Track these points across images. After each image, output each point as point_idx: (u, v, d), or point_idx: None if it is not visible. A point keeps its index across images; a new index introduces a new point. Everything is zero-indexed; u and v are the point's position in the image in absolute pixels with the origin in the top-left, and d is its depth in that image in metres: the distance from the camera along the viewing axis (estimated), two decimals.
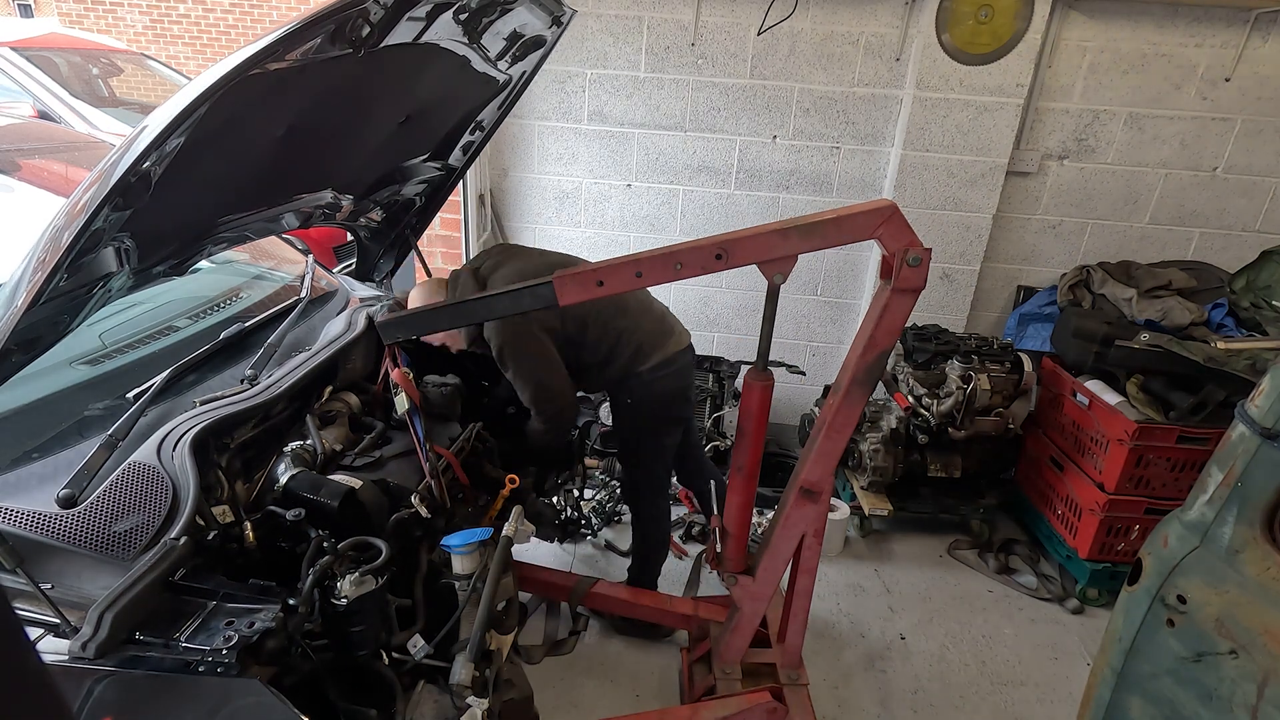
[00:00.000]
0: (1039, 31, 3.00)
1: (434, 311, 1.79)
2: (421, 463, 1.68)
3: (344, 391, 1.83)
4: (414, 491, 1.56)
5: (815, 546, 1.94)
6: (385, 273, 2.49)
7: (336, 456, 1.64)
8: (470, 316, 1.76)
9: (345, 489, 1.42)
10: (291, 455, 1.51)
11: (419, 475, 1.67)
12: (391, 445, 1.75)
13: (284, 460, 1.50)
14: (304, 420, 1.65)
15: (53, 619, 1.05)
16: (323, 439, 1.60)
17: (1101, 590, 2.78)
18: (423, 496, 1.57)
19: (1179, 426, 2.53)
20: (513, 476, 1.89)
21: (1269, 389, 1.26)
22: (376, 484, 1.53)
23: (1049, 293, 3.37)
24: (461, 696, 1.28)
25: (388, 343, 1.81)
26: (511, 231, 3.67)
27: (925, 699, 2.35)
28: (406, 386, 1.72)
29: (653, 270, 1.58)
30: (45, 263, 1.12)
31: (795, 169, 3.41)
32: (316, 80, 1.34)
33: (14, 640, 0.45)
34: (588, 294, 1.60)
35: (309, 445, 1.57)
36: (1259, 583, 1.24)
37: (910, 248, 1.54)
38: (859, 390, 1.71)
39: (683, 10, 3.20)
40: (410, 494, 1.55)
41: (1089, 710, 1.58)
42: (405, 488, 1.57)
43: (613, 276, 1.59)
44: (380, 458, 1.69)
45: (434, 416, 1.92)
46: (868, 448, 3.06)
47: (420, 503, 1.54)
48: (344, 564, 1.28)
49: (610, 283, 1.59)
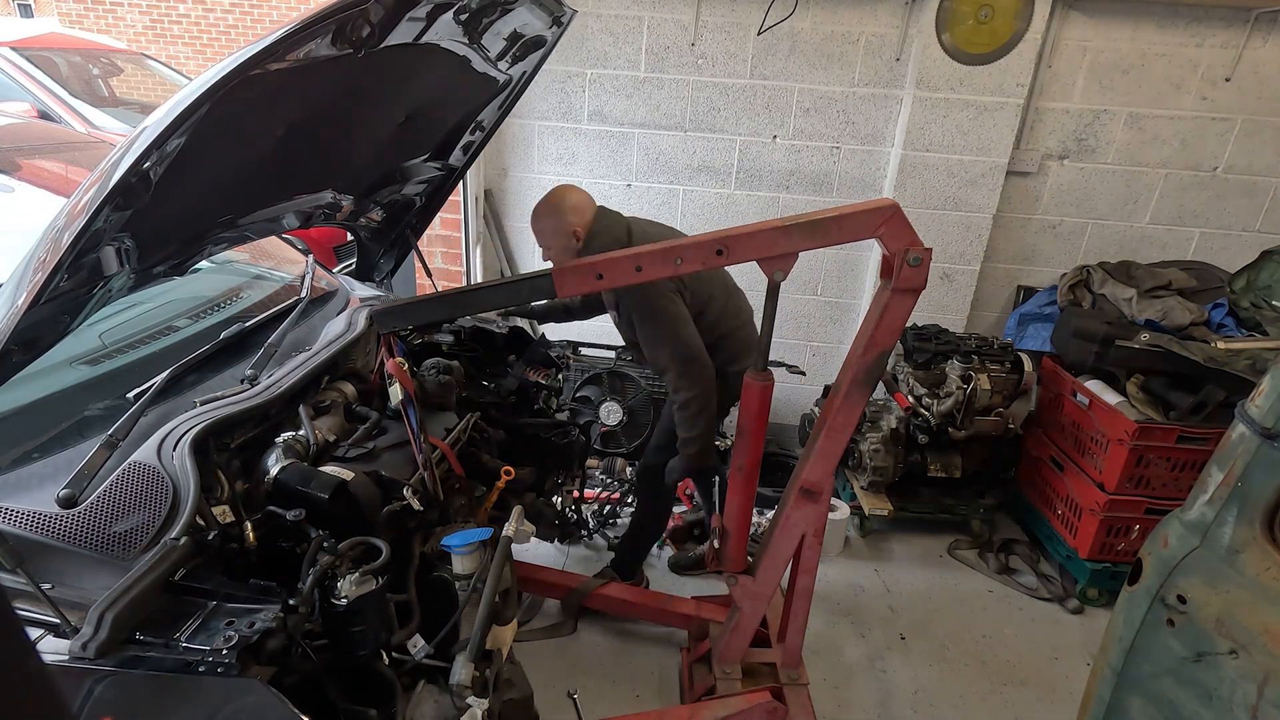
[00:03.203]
0: (1039, 31, 3.00)
1: (429, 301, 1.78)
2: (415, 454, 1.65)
3: (340, 381, 1.80)
4: (406, 484, 1.54)
5: (815, 546, 1.94)
6: (385, 273, 2.49)
7: (330, 447, 1.61)
8: (468, 307, 1.75)
9: (336, 481, 1.39)
10: (283, 446, 1.48)
11: (413, 467, 1.65)
12: (386, 436, 1.72)
13: (275, 452, 1.47)
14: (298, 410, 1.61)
15: (53, 619, 1.05)
16: (316, 429, 1.58)
17: (1101, 590, 2.78)
18: (415, 489, 1.54)
19: (1179, 426, 2.53)
20: (508, 468, 1.87)
21: (1269, 389, 1.26)
22: (369, 476, 1.50)
23: (1049, 293, 3.37)
24: (461, 696, 1.28)
25: (383, 332, 1.78)
26: (511, 231, 3.68)
27: (925, 699, 2.35)
28: (401, 377, 1.69)
29: (653, 265, 1.59)
30: (45, 263, 1.12)
31: (795, 169, 3.41)
32: (317, 80, 1.34)
33: (14, 640, 0.45)
34: (587, 287, 1.61)
35: (301, 436, 1.54)
36: (1259, 583, 1.24)
37: (911, 247, 1.55)
38: (859, 390, 1.71)
39: (683, 10, 3.20)
40: (403, 486, 1.52)
41: (1089, 710, 1.58)
42: (398, 480, 1.54)
43: (612, 270, 1.60)
44: (374, 449, 1.66)
45: (430, 406, 1.90)
46: (868, 448, 3.06)
47: (413, 495, 1.52)
48: (344, 564, 1.28)
49: (609, 276, 1.60)
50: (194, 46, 9.83)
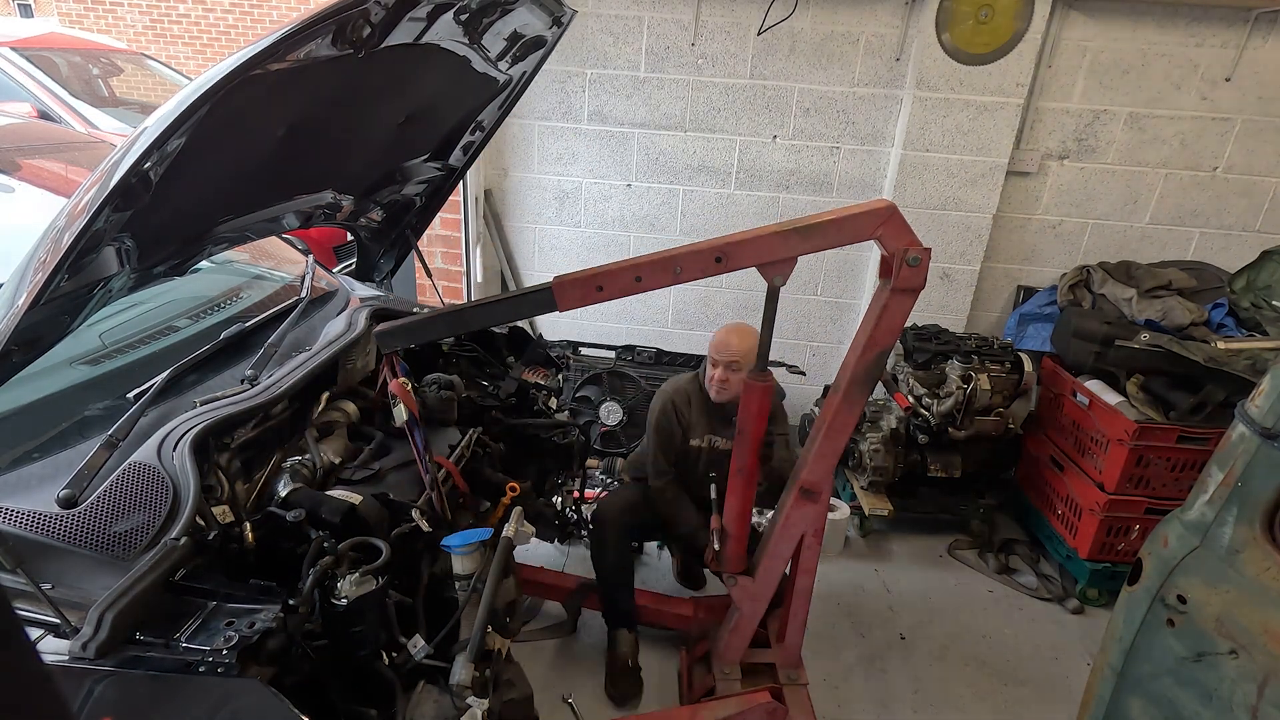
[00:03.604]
0: (1039, 31, 3.00)
1: (432, 320, 1.76)
2: (421, 474, 1.65)
3: (342, 400, 1.81)
4: (414, 505, 1.54)
5: (814, 547, 1.94)
6: (385, 273, 2.49)
7: (335, 469, 1.62)
8: (469, 324, 1.75)
9: (345, 506, 1.40)
10: (290, 471, 1.50)
11: (419, 486, 1.65)
12: (390, 456, 1.73)
13: (283, 477, 1.49)
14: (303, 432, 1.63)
15: (53, 619, 1.05)
16: (321, 453, 1.59)
17: (1101, 590, 2.78)
18: (423, 510, 1.55)
19: (1179, 426, 2.53)
20: (514, 484, 1.87)
21: (1269, 389, 1.26)
22: (376, 498, 1.51)
23: (1049, 293, 3.37)
24: (461, 696, 1.28)
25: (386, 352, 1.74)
26: (511, 231, 3.68)
27: (925, 699, 2.35)
28: (405, 398, 1.67)
29: (652, 275, 1.58)
30: (46, 263, 1.12)
31: (795, 169, 3.41)
32: (317, 80, 1.34)
33: (14, 640, 0.45)
34: (588, 300, 1.59)
35: (307, 460, 1.56)
36: (1259, 583, 1.24)
37: (909, 248, 1.55)
38: (858, 391, 1.71)
39: (683, 10, 3.20)
40: (411, 508, 1.53)
41: (1089, 710, 1.58)
42: (405, 503, 1.55)
43: (612, 282, 1.58)
44: (379, 470, 1.67)
45: (433, 422, 1.91)
46: (868, 448, 3.06)
47: (421, 517, 1.52)
48: (344, 564, 1.28)
49: (609, 288, 1.59)
50: (194, 46, 9.83)
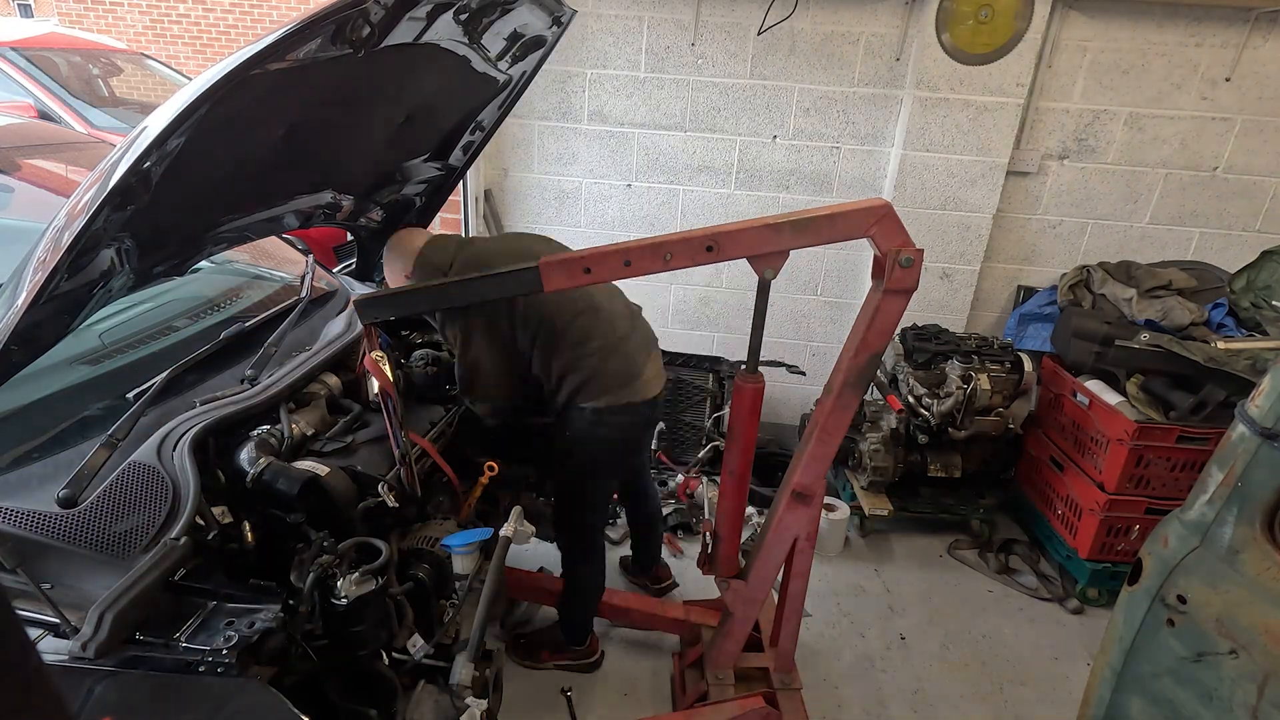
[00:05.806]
0: (1039, 31, 3.00)
1: (414, 292, 1.74)
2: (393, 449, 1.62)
3: (325, 372, 1.78)
4: (382, 479, 1.51)
5: (808, 550, 1.91)
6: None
7: (308, 440, 1.58)
8: (451, 299, 1.71)
9: (306, 476, 1.37)
10: (256, 441, 1.45)
11: (392, 462, 1.62)
12: (368, 430, 1.69)
13: (248, 446, 1.44)
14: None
15: (53, 619, 1.05)
16: (293, 423, 1.55)
17: (1101, 590, 2.78)
18: (391, 485, 1.52)
19: (1179, 426, 2.53)
20: (492, 463, 1.83)
21: (1269, 389, 1.26)
22: (344, 471, 1.47)
23: (1049, 293, 3.37)
24: (461, 697, 1.28)
25: (365, 322, 1.71)
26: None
27: (925, 699, 2.35)
28: (375, 371, 1.62)
29: (642, 260, 1.55)
30: (45, 263, 1.12)
31: (795, 169, 3.41)
32: (316, 80, 1.34)
33: (14, 640, 0.45)
34: (574, 281, 1.56)
35: (276, 429, 1.51)
36: (1259, 583, 1.24)
37: (902, 248, 1.52)
38: (851, 393, 1.68)
39: (683, 10, 3.20)
40: (379, 482, 1.50)
41: (1089, 710, 1.58)
42: (373, 475, 1.52)
43: (600, 264, 1.56)
44: (352, 443, 1.63)
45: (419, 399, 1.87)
46: (868, 448, 3.06)
47: (388, 491, 1.49)
48: (344, 564, 1.28)
49: (598, 270, 1.56)
50: (194, 46, 9.83)
